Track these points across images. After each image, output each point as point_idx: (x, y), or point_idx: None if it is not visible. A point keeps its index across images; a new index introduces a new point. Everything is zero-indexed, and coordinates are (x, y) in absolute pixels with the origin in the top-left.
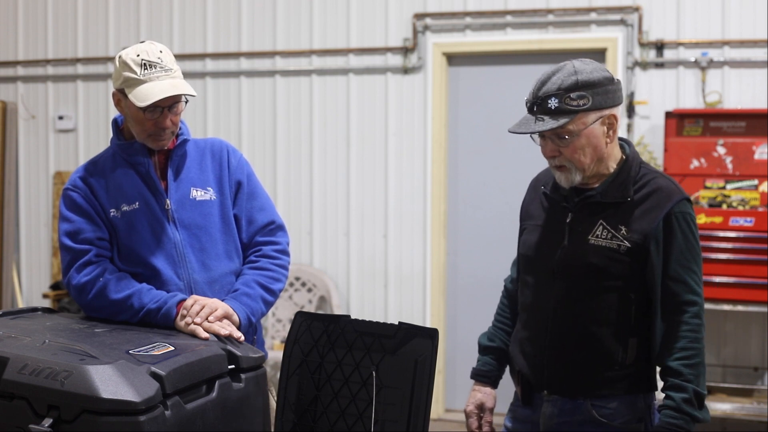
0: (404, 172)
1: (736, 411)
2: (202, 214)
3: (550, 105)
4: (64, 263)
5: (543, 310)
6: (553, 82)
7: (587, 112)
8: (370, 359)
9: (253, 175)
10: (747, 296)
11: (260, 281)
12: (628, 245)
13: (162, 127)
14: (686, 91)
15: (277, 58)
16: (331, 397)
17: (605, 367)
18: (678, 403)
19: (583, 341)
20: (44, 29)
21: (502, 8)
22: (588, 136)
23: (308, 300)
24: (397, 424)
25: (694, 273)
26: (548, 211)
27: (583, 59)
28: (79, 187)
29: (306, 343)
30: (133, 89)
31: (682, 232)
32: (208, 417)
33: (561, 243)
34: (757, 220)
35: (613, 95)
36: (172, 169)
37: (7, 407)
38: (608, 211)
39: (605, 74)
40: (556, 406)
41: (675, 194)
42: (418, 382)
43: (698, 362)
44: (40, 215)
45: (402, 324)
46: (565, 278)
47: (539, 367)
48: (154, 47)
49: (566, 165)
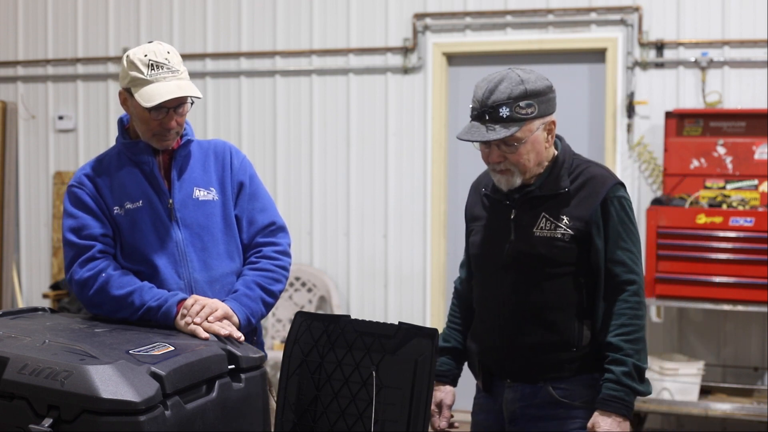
0: (404, 172)
1: (736, 411)
2: (204, 214)
3: (501, 114)
4: (68, 258)
5: (497, 302)
6: (501, 91)
7: (533, 120)
8: (370, 359)
9: (256, 177)
10: (747, 296)
11: (260, 282)
12: (571, 233)
13: (167, 128)
14: (686, 91)
15: (277, 58)
16: (331, 397)
17: (561, 349)
18: (618, 376)
19: (539, 327)
20: (44, 29)
21: (502, 8)
22: (533, 142)
23: (308, 300)
24: (397, 424)
25: (631, 253)
26: (492, 211)
27: (523, 68)
28: (84, 184)
29: (306, 343)
30: (139, 89)
31: (617, 215)
32: (208, 417)
33: (508, 238)
34: (757, 220)
35: (553, 102)
36: (176, 168)
37: (7, 407)
38: (548, 203)
39: (546, 83)
40: (517, 391)
41: (609, 180)
42: (418, 382)
43: (638, 338)
44: (40, 215)
45: (402, 324)
46: (516, 270)
47: (499, 357)
48: (161, 48)
49: (510, 169)
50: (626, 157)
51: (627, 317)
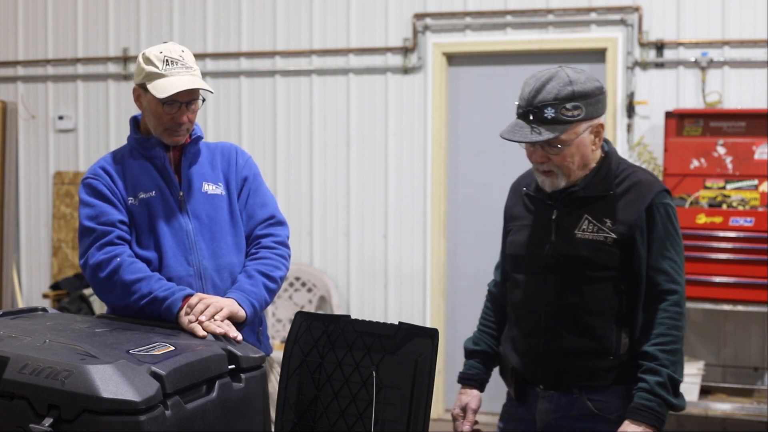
0: (404, 172)
1: (736, 411)
2: (213, 206)
3: (546, 114)
4: (85, 245)
5: (535, 305)
6: (548, 91)
7: (580, 122)
8: (370, 359)
9: (259, 175)
10: (747, 296)
11: (260, 269)
12: (614, 236)
13: (178, 122)
14: (686, 91)
15: (277, 58)
16: (331, 397)
17: (599, 357)
18: (651, 386)
19: (577, 333)
20: (44, 29)
21: (502, 8)
22: (578, 144)
23: (308, 300)
24: (397, 424)
25: (674, 262)
26: (533, 211)
27: (575, 67)
28: (99, 175)
29: (306, 343)
30: (153, 82)
31: (662, 223)
32: (208, 417)
33: (548, 239)
34: (757, 220)
35: (602, 105)
36: (186, 163)
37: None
38: (592, 204)
39: (596, 84)
40: (552, 401)
41: (655, 186)
42: (418, 382)
43: (675, 349)
44: (40, 215)
45: (402, 324)
46: (556, 272)
47: (534, 363)
48: (176, 47)
49: (554, 170)
50: (626, 157)
51: (666, 327)
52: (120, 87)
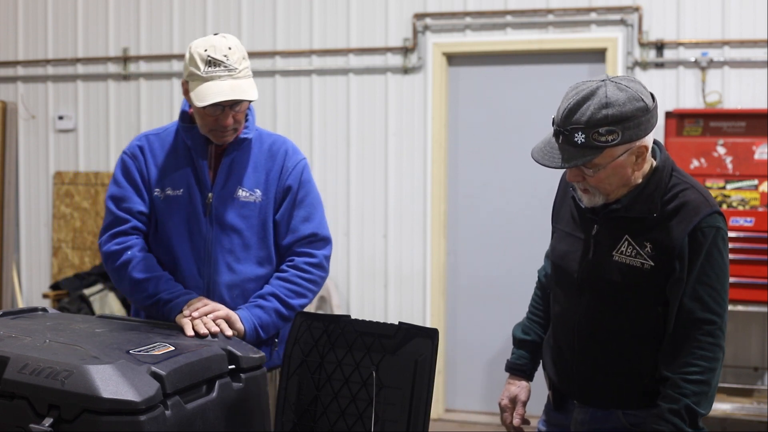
0: (404, 172)
1: (736, 411)
2: (241, 215)
3: (576, 139)
4: (104, 225)
5: (570, 322)
6: (582, 113)
7: (615, 147)
8: (370, 359)
9: (309, 182)
10: (747, 296)
11: (278, 294)
12: (652, 264)
13: (223, 125)
14: (686, 91)
15: (277, 58)
16: (331, 397)
17: (634, 380)
18: (663, 412)
19: (611, 355)
20: (44, 29)
21: (502, 8)
22: (614, 167)
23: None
24: (397, 424)
25: (715, 291)
26: (576, 220)
27: (620, 82)
28: (137, 156)
29: (306, 343)
30: (194, 86)
31: (706, 248)
32: (208, 417)
33: (587, 256)
34: (757, 220)
35: (645, 125)
36: (226, 163)
37: (7, 407)
38: (634, 226)
39: (639, 104)
40: (588, 413)
41: (703, 208)
42: (418, 382)
43: (701, 380)
44: (40, 215)
45: (402, 324)
46: (590, 292)
47: (568, 379)
48: (224, 42)
49: (590, 189)
50: None
51: (694, 357)
52: (120, 87)
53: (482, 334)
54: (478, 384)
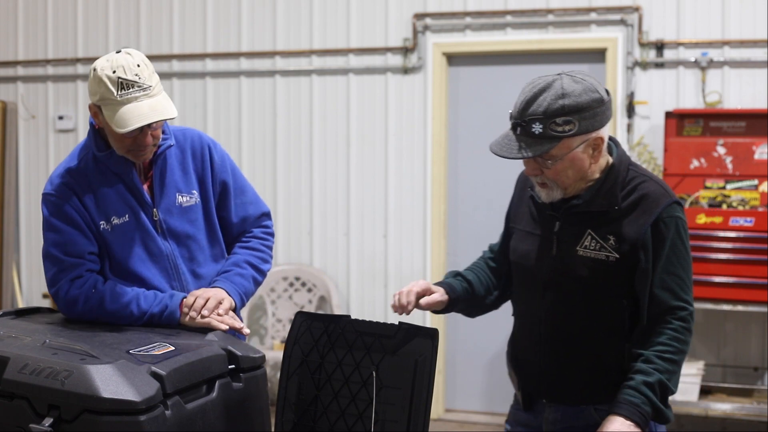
0: (404, 172)
1: (736, 411)
2: (189, 221)
3: (533, 130)
4: (51, 273)
5: (535, 320)
6: (538, 104)
7: (572, 137)
8: (371, 359)
9: (237, 170)
10: (747, 296)
11: (252, 261)
12: (617, 256)
13: (142, 145)
14: (686, 91)
15: (277, 58)
16: (331, 397)
17: (603, 374)
18: (637, 383)
19: (578, 351)
20: (44, 29)
21: (502, 8)
22: (571, 159)
23: (308, 300)
24: (398, 424)
25: (681, 279)
26: (536, 218)
27: (575, 75)
28: (65, 195)
29: (306, 343)
30: (109, 111)
31: (670, 238)
32: (208, 417)
33: (550, 253)
34: (757, 220)
35: (601, 117)
36: (157, 174)
37: (7, 407)
38: (596, 220)
39: (594, 95)
40: (559, 411)
41: (663, 199)
42: (419, 382)
43: (673, 359)
44: (40, 215)
45: (402, 324)
46: (555, 290)
47: (537, 377)
48: (130, 60)
49: (548, 183)
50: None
51: (666, 337)
52: None
53: (482, 334)
54: (477, 384)
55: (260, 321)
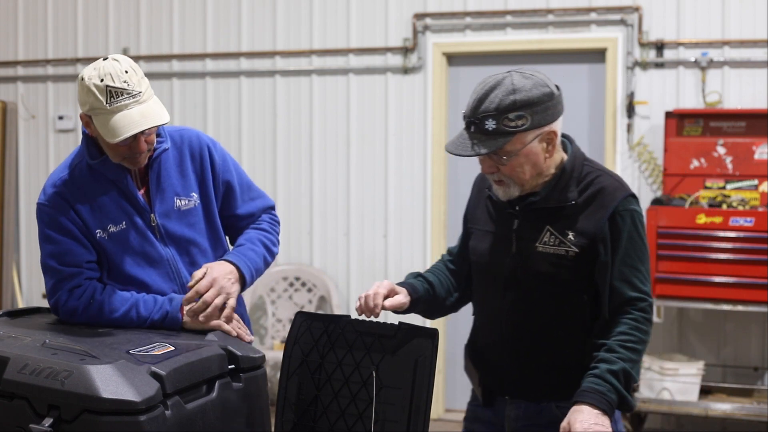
0: (404, 172)
1: (736, 411)
2: (188, 224)
3: (487, 126)
4: (50, 284)
5: (497, 319)
6: (490, 101)
7: (525, 132)
8: (371, 359)
9: (239, 167)
10: (747, 296)
11: (264, 242)
12: (576, 250)
13: (137, 152)
14: (686, 91)
15: (277, 58)
16: (331, 397)
17: (565, 370)
18: (602, 372)
19: (540, 348)
20: (44, 29)
21: (502, 8)
22: (526, 154)
23: (308, 300)
24: (398, 424)
25: (639, 271)
26: (494, 217)
27: (525, 71)
28: (60, 205)
29: (306, 343)
30: (100, 120)
31: (627, 231)
32: (208, 417)
33: (509, 251)
34: (757, 220)
35: (553, 110)
36: (153, 178)
37: (7, 407)
38: (554, 216)
39: (545, 90)
40: (520, 408)
41: (619, 192)
42: (419, 382)
43: (636, 348)
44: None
45: (402, 324)
46: (516, 287)
47: (499, 375)
48: (118, 67)
49: (505, 180)
50: (626, 157)
51: (628, 327)
52: None
53: None
54: None
55: (260, 321)
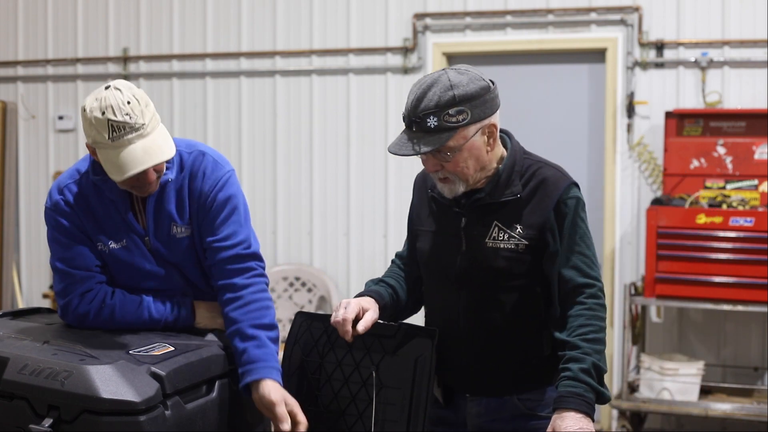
0: (404, 172)
1: (736, 411)
2: (180, 251)
3: (429, 124)
4: (60, 287)
5: (452, 318)
6: (429, 99)
7: (467, 126)
8: (370, 359)
9: (236, 197)
10: (747, 296)
11: (257, 323)
12: (526, 242)
13: (145, 183)
14: (686, 91)
15: (277, 58)
16: (331, 397)
17: (523, 363)
18: (575, 373)
19: (499, 343)
20: (44, 29)
21: (502, 8)
22: (469, 149)
23: (308, 300)
24: (397, 424)
25: (585, 256)
26: (440, 217)
27: (459, 68)
28: (64, 213)
29: (306, 343)
30: (103, 155)
31: (571, 218)
32: (208, 417)
33: (459, 249)
34: (757, 220)
35: (491, 104)
36: (151, 202)
37: (7, 407)
38: (500, 210)
39: (481, 84)
40: (482, 404)
41: (561, 182)
42: (418, 382)
43: (597, 338)
44: (40, 215)
45: (402, 324)
46: (469, 286)
47: (458, 373)
48: (119, 97)
49: (450, 177)
50: (626, 157)
51: (585, 318)
52: None
53: None
54: None
55: None
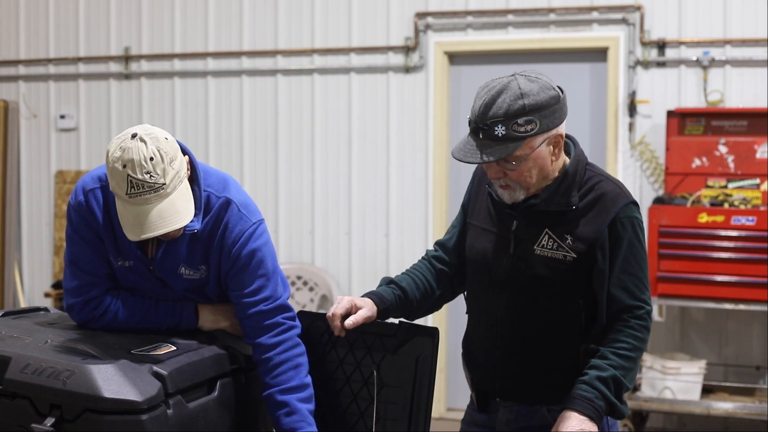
0: (406, 171)
1: (737, 410)
2: (186, 287)
3: (497, 132)
4: (69, 286)
5: (491, 319)
6: (498, 106)
7: (534, 136)
8: (372, 358)
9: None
10: (749, 295)
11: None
12: (574, 255)
13: (163, 239)
14: (688, 90)
15: (278, 57)
16: (333, 396)
17: (558, 374)
18: (591, 379)
19: (534, 350)
20: (46, 28)
21: (504, 7)
22: (535, 159)
23: (310, 299)
24: (399, 423)
25: (639, 279)
26: (493, 216)
27: (529, 75)
28: (87, 217)
29: (307, 343)
30: (119, 206)
31: (627, 238)
32: (210, 416)
33: (507, 251)
34: (758, 219)
35: (559, 114)
36: (164, 242)
37: (9, 406)
38: (553, 219)
39: (551, 93)
40: (512, 411)
41: (620, 199)
42: (420, 380)
43: (629, 356)
44: (42, 214)
45: (403, 323)
46: (512, 288)
47: (491, 376)
48: (143, 152)
49: (511, 185)
50: (628, 156)
51: (623, 334)
52: (121, 86)
53: None
54: None
55: None
